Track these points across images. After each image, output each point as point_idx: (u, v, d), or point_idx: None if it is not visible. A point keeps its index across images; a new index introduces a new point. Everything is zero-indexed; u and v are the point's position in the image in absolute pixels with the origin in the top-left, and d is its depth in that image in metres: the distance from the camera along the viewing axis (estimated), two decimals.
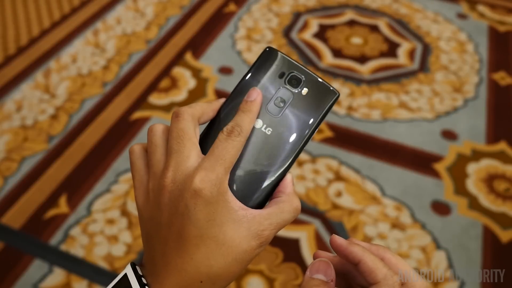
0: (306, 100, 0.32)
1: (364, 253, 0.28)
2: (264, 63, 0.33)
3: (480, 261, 0.93)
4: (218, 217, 0.28)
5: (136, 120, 1.20)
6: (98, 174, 1.06)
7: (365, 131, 1.19)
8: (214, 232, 0.28)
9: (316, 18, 1.59)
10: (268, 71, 0.33)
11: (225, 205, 0.28)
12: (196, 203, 0.27)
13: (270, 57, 0.33)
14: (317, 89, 0.32)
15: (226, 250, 0.28)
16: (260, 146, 0.31)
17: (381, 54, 1.44)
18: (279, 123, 0.32)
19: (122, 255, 0.91)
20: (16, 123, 1.18)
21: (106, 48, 1.44)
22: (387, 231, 0.97)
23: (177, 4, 1.64)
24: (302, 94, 0.32)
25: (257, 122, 0.31)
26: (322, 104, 0.32)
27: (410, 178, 1.07)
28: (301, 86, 0.32)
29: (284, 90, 0.32)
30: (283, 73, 0.33)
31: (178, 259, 0.28)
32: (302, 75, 0.33)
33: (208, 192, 0.27)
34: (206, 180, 0.27)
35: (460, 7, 1.67)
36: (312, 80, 0.33)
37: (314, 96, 0.32)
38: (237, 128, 0.29)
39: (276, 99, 0.32)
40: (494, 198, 1.04)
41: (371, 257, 0.28)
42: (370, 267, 0.27)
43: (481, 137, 1.18)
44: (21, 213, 0.98)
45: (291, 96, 0.32)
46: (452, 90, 1.32)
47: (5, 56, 1.39)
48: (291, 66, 0.33)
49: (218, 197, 0.28)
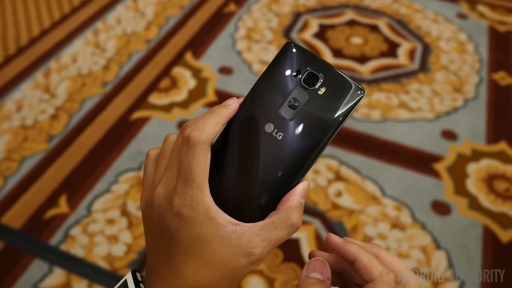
0: (323, 101, 0.29)
1: (360, 251, 0.28)
2: (281, 61, 0.30)
3: (480, 261, 0.93)
4: (204, 236, 0.27)
5: (136, 120, 1.20)
6: (98, 174, 1.06)
7: (365, 131, 1.19)
8: (200, 250, 0.27)
9: (316, 18, 1.59)
10: (283, 70, 0.29)
11: (210, 223, 0.27)
12: (178, 226, 0.27)
13: (287, 54, 0.30)
14: (338, 87, 0.29)
15: (214, 266, 0.27)
16: (268, 152, 0.28)
17: (381, 54, 1.44)
18: (291, 127, 0.28)
19: (122, 255, 0.91)
20: (16, 123, 1.18)
21: (106, 48, 1.44)
22: (387, 231, 0.97)
23: (177, 4, 1.64)
24: (318, 94, 0.29)
25: (268, 125, 0.29)
26: (342, 105, 0.28)
27: (410, 178, 1.07)
28: (318, 84, 0.29)
29: (298, 90, 0.29)
30: (299, 70, 0.29)
31: (168, 271, 0.28)
32: (320, 72, 0.29)
33: (187, 216, 0.27)
34: (182, 205, 0.27)
35: (460, 7, 1.67)
36: (333, 77, 0.29)
37: (334, 95, 0.29)
38: (195, 133, 0.27)
39: (289, 101, 0.29)
40: (494, 198, 1.04)
41: (366, 255, 0.28)
42: (365, 264, 0.27)
43: (481, 137, 1.18)
44: (21, 213, 0.98)
45: (306, 96, 0.29)
46: (452, 90, 1.32)
47: (5, 56, 1.39)
48: (310, 62, 0.29)
49: (199, 217, 0.27)
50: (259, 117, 0.29)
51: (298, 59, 0.29)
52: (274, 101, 0.29)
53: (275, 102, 0.29)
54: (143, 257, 0.92)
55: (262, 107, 0.29)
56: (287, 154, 0.28)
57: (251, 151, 0.29)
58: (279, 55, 0.30)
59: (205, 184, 0.27)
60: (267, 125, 0.29)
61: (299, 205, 0.28)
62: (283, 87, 0.29)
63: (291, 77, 0.29)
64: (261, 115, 0.29)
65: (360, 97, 0.29)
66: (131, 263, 0.90)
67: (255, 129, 0.29)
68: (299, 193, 0.29)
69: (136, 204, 1.00)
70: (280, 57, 0.30)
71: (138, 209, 0.99)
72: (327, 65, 0.29)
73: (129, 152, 1.12)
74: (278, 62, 0.30)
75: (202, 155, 0.27)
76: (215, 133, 0.28)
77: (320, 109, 0.28)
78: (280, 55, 0.30)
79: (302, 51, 0.30)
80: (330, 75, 0.29)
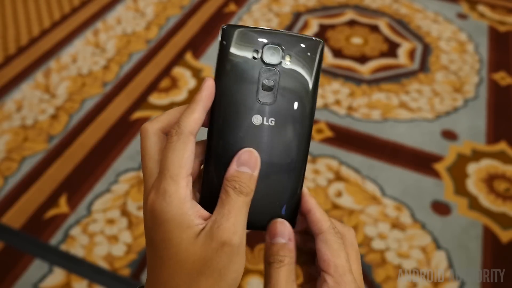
0: (294, 68, 0.27)
1: (316, 206, 0.30)
2: (229, 49, 0.27)
3: (480, 261, 0.93)
4: (174, 236, 0.26)
5: (136, 120, 1.20)
6: (98, 174, 1.06)
7: (365, 131, 1.19)
8: (172, 253, 0.26)
9: (316, 18, 1.59)
10: (238, 57, 0.27)
11: (182, 219, 0.26)
12: (153, 224, 0.26)
13: (231, 38, 0.27)
14: (300, 49, 0.27)
15: (190, 269, 0.26)
16: (269, 143, 0.28)
17: (381, 54, 1.44)
18: (278, 108, 0.27)
19: (122, 255, 0.91)
20: (16, 123, 1.18)
21: (106, 48, 1.44)
22: (387, 231, 0.97)
23: (177, 4, 1.64)
24: (287, 65, 0.27)
25: (255, 118, 0.27)
26: (312, 63, 0.28)
27: (410, 178, 1.07)
28: (282, 56, 0.27)
29: (266, 71, 0.27)
30: (256, 50, 0.27)
31: (152, 274, 0.27)
32: (277, 43, 0.27)
33: (159, 210, 0.26)
34: (155, 199, 0.26)
35: (460, 7, 1.67)
36: (289, 41, 0.27)
37: (300, 58, 0.27)
38: (174, 128, 0.27)
39: (262, 85, 0.27)
40: (494, 198, 1.04)
41: (320, 210, 0.30)
42: (318, 217, 0.30)
43: (481, 137, 1.18)
44: (21, 213, 0.98)
45: (277, 73, 0.27)
46: (452, 90, 1.32)
47: (5, 56, 1.39)
48: (258, 36, 0.27)
49: (172, 211, 0.25)
50: (241, 116, 0.27)
51: (246, 39, 0.27)
52: (248, 92, 0.27)
53: (249, 92, 0.27)
54: (143, 257, 0.92)
55: (239, 104, 0.27)
56: (288, 133, 0.28)
57: None
58: (223, 43, 0.27)
59: (180, 175, 0.26)
60: (254, 118, 0.27)
61: None
62: (249, 74, 0.27)
63: (251, 60, 0.27)
64: (242, 112, 0.27)
65: (322, 47, 0.28)
66: (131, 263, 0.90)
67: (244, 128, 0.28)
68: None
69: (136, 204, 1.00)
70: (226, 45, 0.27)
71: (138, 209, 0.99)
72: (275, 32, 0.27)
73: (129, 152, 1.12)
74: (228, 51, 0.27)
75: (179, 145, 0.26)
76: (194, 121, 0.27)
77: (295, 77, 0.27)
78: (225, 43, 0.27)
79: (243, 29, 0.27)
80: (285, 40, 0.27)
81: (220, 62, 0.27)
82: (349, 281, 0.28)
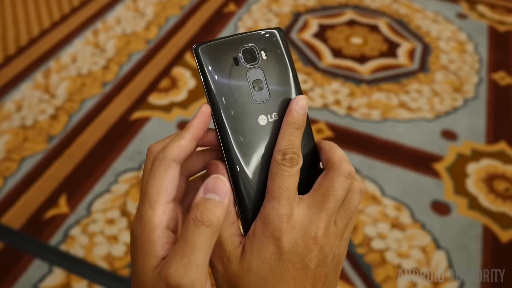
0: (272, 61, 0.29)
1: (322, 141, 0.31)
2: (210, 64, 0.28)
3: (480, 261, 0.93)
4: (139, 263, 0.25)
5: (136, 120, 1.20)
6: (98, 174, 1.06)
7: (365, 131, 1.19)
8: (137, 279, 0.25)
9: (316, 18, 1.59)
10: (222, 69, 0.28)
11: (149, 247, 0.25)
12: (131, 245, 0.26)
13: (207, 56, 0.28)
14: (268, 42, 0.29)
15: None
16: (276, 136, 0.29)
17: (381, 54, 1.44)
18: (275, 102, 0.29)
19: (122, 255, 0.91)
20: (16, 123, 1.18)
21: (106, 48, 1.44)
22: (387, 231, 0.97)
23: (177, 4, 1.64)
24: (266, 60, 0.29)
25: (260, 119, 0.28)
26: (282, 50, 0.30)
27: (410, 178, 1.07)
28: (258, 53, 0.29)
29: (251, 71, 0.29)
30: (235, 57, 0.29)
31: None
32: (249, 43, 0.29)
33: (135, 235, 0.26)
34: (133, 222, 0.26)
35: (460, 7, 1.67)
36: (257, 39, 0.29)
37: (272, 49, 0.29)
38: (159, 153, 0.26)
39: (254, 86, 0.29)
40: (494, 198, 1.04)
41: (326, 143, 0.31)
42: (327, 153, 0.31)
43: (481, 137, 1.18)
44: (21, 213, 0.98)
45: (260, 70, 0.29)
46: (452, 90, 1.32)
47: (5, 56, 1.39)
48: (232, 44, 0.29)
49: (143, 237, 0.25)
50: (248, 122, 0.28)
51: (220, 51, 0.28)
52: (244, 98, 0.28)
53: (245, 98, 0.28)
54: None
55: (241, 113, 0.28)
56: None
57: (268, 150, 0.29)
58: (202, 62, 0.28)
59: (158, 201, 0.25)
60: (260, 120, 0.28)
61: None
62: (238, 81, 0.28)
63: (234, 67, 0.28)
64: (247, 119, 0.28)
65: (283, 33, 0.30)
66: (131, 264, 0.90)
67: (254, 133, 0.28)
68: None
69: (136, 204, 1.00)
70: (205, 63, 0.28)
71: None
72: (239, 35, 0.29)
73: (129, 152, 1.11)
74: (209, 68, 0.28)
75: (160, 172, 0.26)
76: (179, 148, 0.26)
77: (276, 68, 0.29)
78: (204, 61, 0.28)
79: (212, 44, 0.28)
80: (253, 39, 0.29)
81: (206, 81, 0.28)
82: None
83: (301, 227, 0.27)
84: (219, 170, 0.28)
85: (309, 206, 0.27)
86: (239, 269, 0.26)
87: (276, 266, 0.26)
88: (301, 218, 0.27)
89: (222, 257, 0.27)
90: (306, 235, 0.27)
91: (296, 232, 0.26)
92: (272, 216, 0.26)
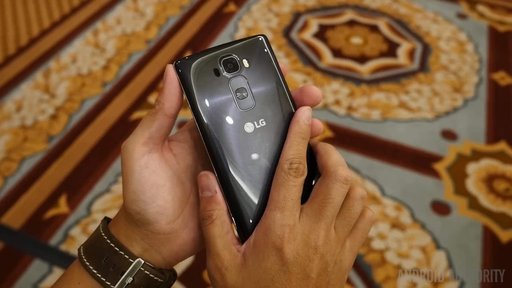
0: (256, 67, 0.29)
1: (319, 143, 0.30)
2: (193, 80, 0.28)
3: (480, 261, 0.93)
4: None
5: (136, 120, 1.20)
6: (98, 174, 1.06)
7: (365, 131, 1.19)
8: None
9: (316, 18, 1.59)
10: (204, 82, 0.28)
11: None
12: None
13: (188, 70, 0.28)
14: (251, 50, 0.30)
15: None
16: (270, 140, 0.29)
17: (381, 54, 1.44)
18: (261, 108, 0.29)
19: None
20: (16, 123, 1.18)
21: (106, 48, 1.44)
22: (387, 231, 0.97)
23: (177, 4, 1.64)
24: (249, 68, 0.29)
25: (247, 126, 0.29)
26: (266, 56, 0.30)
27: (410, 178, 1.07)
28: (239, 62, 0.29)
29: (233, 81, 0.29)
30: (215, 69, 0.29)
31: None
32: (229, 53, 0.29)
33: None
34: None
35: (460, 7, 1.67)
36: (241, 48, 0.29)
37: (255, 57, 0.29)
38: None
39: (237, 95, 0.29)
40: (494, 198, 1.04)
41: (323, 147, 0.30)
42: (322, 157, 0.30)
43: (481, 137, 1.18)
44: (21, 213, 0.98)
45: (243, 78, 0.29)
46: (452, 90, 1.32)
47: (5, 56, 1.39)
48: (214, 56, 0.29)
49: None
50: (234, 131, 0.28)
51: (201, 64, 0.29)
52: (229, 108, 0.28)
53: (229, 107, 0.28)
54: None
55: (224, 122, 0.28)
56: (281, 123, 0.29)
57: (257, 156, 0.29)
58: (184, 77, 0.28)
59: (127, 202, 0.31)
60: (246, 127, 0.29)
61: None
62: (221, 92, 0.29)
63: (216, 79, 0.29)
64: (233, 128, 0.28)
65: (266, 39, 0.30)
66: None
67: (242, 140, 0.28)
68: None
69: None
70: (187, 77, 0.28)
71: None
72: (219, 47, 0.29)
73: None
74: (191, 82, 0.28)
75: (126, 156, 0.31)
76: (142, 137, 0.29)
77: (260, 75, 0.29)
78: (185, 76, 0.28)
79: (194, 58, 0.29)
80: (233, 49, 0.29)
81: (189, 95, 0.28)
82: None
83: (302, 237, 0.27)
84: (210, 182, 0.28)
85: (308, 215, 0.27)
86: (239, 279, 0.27)
87: (277, 277, 0.26)
88: (301, 228, 0.27)
89: (219, 267, 0.27)
90: (306, 245, 0.27)
91: (297, 243, 0.27)
92: (274, 226, 0.27)
